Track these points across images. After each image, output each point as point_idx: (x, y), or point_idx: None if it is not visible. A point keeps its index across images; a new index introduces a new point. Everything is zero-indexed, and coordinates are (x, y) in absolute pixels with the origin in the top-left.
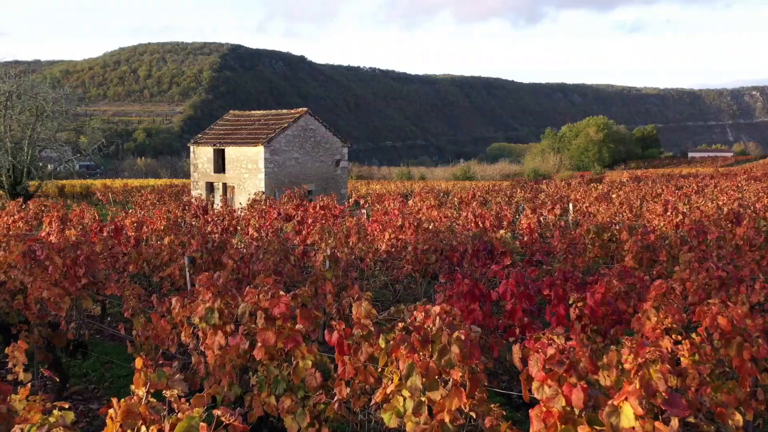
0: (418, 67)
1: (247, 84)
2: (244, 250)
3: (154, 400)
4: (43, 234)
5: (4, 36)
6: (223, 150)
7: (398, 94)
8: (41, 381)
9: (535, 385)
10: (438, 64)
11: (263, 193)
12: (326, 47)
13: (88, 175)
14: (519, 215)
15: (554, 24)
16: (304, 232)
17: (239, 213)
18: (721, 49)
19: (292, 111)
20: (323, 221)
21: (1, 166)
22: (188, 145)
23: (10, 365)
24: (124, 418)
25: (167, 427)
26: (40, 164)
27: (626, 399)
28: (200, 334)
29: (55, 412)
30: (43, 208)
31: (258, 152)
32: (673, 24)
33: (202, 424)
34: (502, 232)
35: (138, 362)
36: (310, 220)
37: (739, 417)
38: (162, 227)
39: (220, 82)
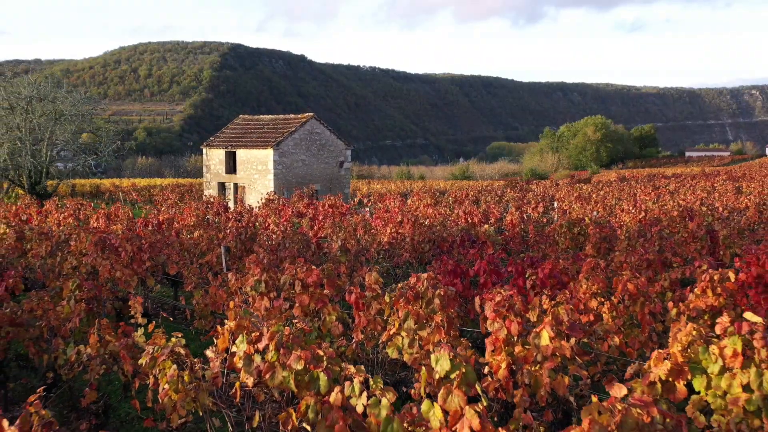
0: (417, 67)
1: (247, 83)
2: (268, 242)
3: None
4: (91, 227)
5: (4, 35)
6: (234, 152)
7: (398, 94)
8: None
9: (488, 322)
10: (438, 64)
11: (275, 192)
12: (326, 47)
13: (90, 174)
14: (507, 213)
15: (554, 23)
16: (315, 227)
17: (256, 210)
18: (720, 48)
19: (299, 116)
20: (332, 218)
21: (22, 167)
22: (201, 147)
23: (132, 312)
24: (236, 329)
25: (265, 330)
26: (58, 165)
27: (544, 328)
28: (250, 299)
29: (173, 339)
30: (79, 206)
31: (267, 154)
32: (673, 23)
33: (285, 328)
34: (486, 226)
35: (231, 304)
36: (320, 217)
37: (617, 339)
38: (192, 223)
39: (220, 82)
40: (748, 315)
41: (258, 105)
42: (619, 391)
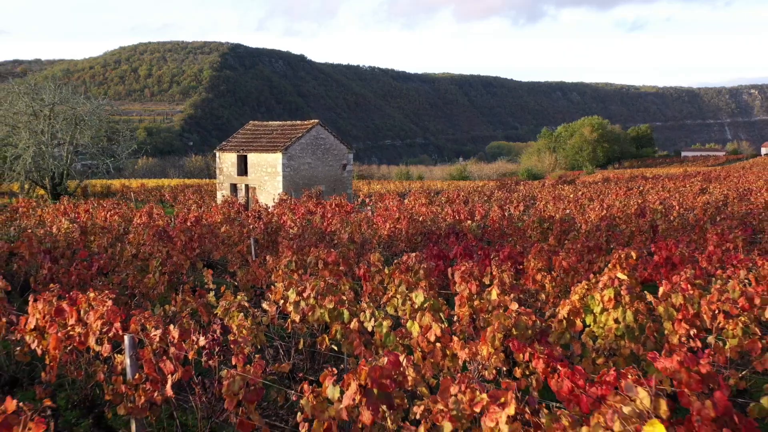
0: (417, 66)
1: (247, 83)
2: (287, 235)
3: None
4: (135, 223)
5: (4, 34)
6: (245, 156)
7: (398, 93)
8: None
9: (456, 285)
10: (437, 63)
11: (286, 193)
12: (326, 46)
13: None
14: (491, 210)
15: (554, 22)
16: (325, 223)
17: (271, 209)
18: (720, 47)
19: (305, 122)
20: (339, 215)
21: (45, 169)
22: (215, 151)
23: (205, 280)
24: (287, 286)
25: (307, 285)
26: (76, 166)
27: (493, 287)
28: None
29: (239, 296)
30: (115, 206)
31: (277, 158)
32: (673, 22)
33: (321, 283)
34: (469, 222)
35: (280, 272)
36: (329, 214)
37: (543, 295)
38: (219, 220)
39: (220, 81)
40: (619, 275)
41: (258, 105)
42: (514, 306)
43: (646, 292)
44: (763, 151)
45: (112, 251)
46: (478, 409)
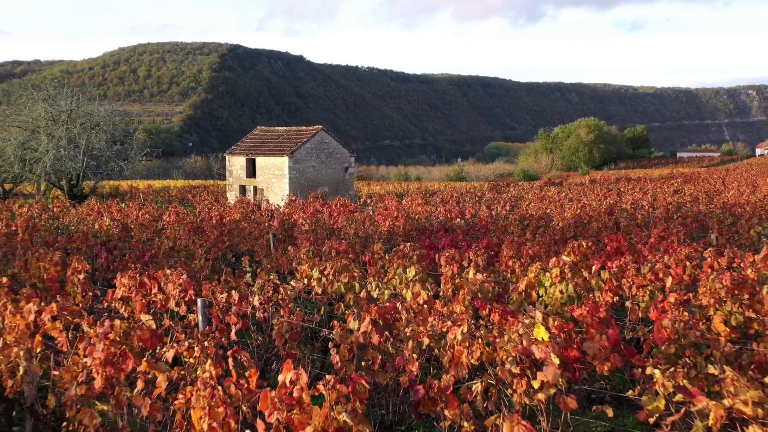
0: (415, 66)
1: (246, 84)
2: (299, 231)
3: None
4: (165, 221)
5: (3, 34)
6: (254, 159)
7: (396, 94)
8: None
9: (442, 267)
10: (435, 63)
11: (294, 194)
12: (326, 46)
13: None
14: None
15: (554, 22)
16: (332, 220)
17: (283, 209)
18: (719, 47)
19: (310, 128)
20: (344, 214)
21: (62, 171)
22: (224, 155)
23: (243, 265)
24: (312, 266)
25: (327, 265)
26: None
27: (470, 268)
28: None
29: (272, 276)
30: (141, 206)
31: (283, 161)
32: (673, 23)
33: (338, 263)
34: (458, 220)
35: (304, 256)
36: (335, 213)
37: (513, 277)
38: (238, 218)
39: (219, 82)
40: (564, 257)
41: (257, 106)
42: (479, 276)
43: (583, 269)
44: (758, 152)
45: (152, 244)
46: (445, 330)
